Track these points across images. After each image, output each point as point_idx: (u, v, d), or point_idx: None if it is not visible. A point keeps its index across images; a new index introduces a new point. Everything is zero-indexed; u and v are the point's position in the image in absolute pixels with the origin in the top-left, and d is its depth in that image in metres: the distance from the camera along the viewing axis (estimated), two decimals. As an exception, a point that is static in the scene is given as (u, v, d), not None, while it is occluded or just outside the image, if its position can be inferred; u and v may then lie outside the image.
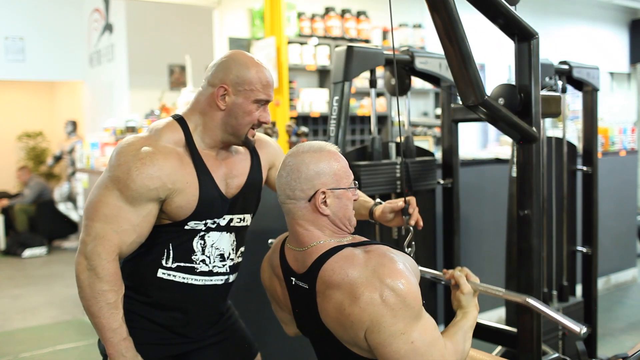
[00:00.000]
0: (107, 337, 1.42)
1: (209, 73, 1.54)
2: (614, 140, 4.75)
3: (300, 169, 1.37)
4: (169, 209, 1.48)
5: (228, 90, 1.50)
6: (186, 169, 1.49)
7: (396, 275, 1.27)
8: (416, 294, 1.28)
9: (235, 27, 5.68)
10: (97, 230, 1.41)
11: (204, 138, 1.54)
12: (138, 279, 1.54)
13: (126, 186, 1.42)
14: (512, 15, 1.78)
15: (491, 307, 3.83)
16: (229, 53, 1.56)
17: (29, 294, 5.29)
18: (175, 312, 1.57)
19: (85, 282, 1.41)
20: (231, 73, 1.50)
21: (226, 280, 1.63)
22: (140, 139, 1.49)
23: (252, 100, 1.52)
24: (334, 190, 1.38)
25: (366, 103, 6.16)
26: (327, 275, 1.33)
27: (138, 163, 1.42)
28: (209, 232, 1.56)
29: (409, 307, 1.26)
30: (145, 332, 1.54)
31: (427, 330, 1.29)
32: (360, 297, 1.27)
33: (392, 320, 1.25)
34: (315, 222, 1.39)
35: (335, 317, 1.32)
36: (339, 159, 1.42)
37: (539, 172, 1.97)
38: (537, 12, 7.66)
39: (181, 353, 1.62)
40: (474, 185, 3.65)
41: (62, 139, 8.04)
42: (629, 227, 4.99)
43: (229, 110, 1.51)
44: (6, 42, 7.00)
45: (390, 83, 2.56)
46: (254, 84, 1.51)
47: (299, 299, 1.44)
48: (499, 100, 1.91)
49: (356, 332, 1.29)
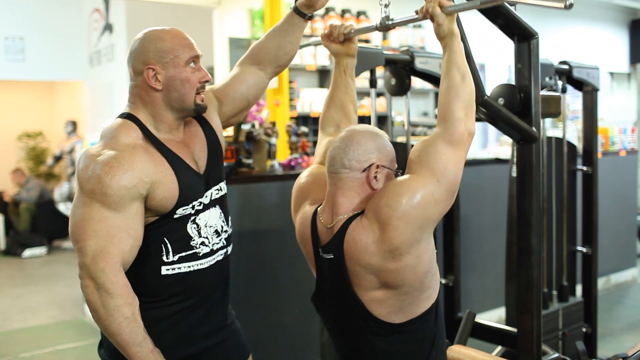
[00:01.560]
0: (134, 352, 1.37)
1: (129, 64, 1.52)
2: (614, 140, 4.75)
3: (360, 142, 1.42)
4: (154, 204, 1.46)
5: (155, 68, 1.47)
6: (155, 159, 1.46)
7: (402, 187, 1.34)
8: (418, 178, 1.36)
9: (235, 27, 5.68)
10: (92, 248, 1.37)
11: (158, 126, 1.52)
12: (144, 284, 1.51)
13: (104, 195, 1.37)
14: (512, 15, 1.78)
15: (491, 307, 3.83)
16: (138, 36, 1.53)
17: (29, 294, 5.29)
18: (187, 301, 1.55)
19: (97, 302, 1.36)
20: (149, 51, 1.48)
21: (225, 252, 1.62)
22: (98, 146, 1.46)
23: (182, 65, 1.49)
24: (386, 168, 1.43)
25: (366, 103, 6.16)
26: (350, 247, 1.37)
27: (106, 168, 1.38)
28: (198, 214, 1.54)
29: (422, 177, 1.35)
30: (163, 335, 1.51)
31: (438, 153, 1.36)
32: (389, 221, 1.31)
33: (422, 181, 1.34)
34: (360, 195, 1.42)
35: (375, 262, 1.34)
36: (391, 145, 1.48)
37: (539, 172, 1.97)
38: (537, 12, 7.65)
39: (193, 354, 1.60)
40: (474, 185, 3.65)
41: (62, 139, 8.04)
42: (629, 227, 4.99)
43: (166, 86, 1.49)
44: (6, 42, 7.00)
45: (390, 83, 2.56)
46: (175, 50, 1.48)
47: (327, 271, 1.47)
48: (499, 100, 1.91)
49: (407, 247, 1.32)
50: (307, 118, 5.80)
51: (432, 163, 1.36)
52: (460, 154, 1.38)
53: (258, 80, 1.78)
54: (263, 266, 2.84)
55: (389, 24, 1.65)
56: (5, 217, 7.54)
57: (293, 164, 3.09)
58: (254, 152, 2.84)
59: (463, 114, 1.39)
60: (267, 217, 2.83)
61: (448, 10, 1.43)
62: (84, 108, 7.90)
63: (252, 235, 2.75)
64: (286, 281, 2.89)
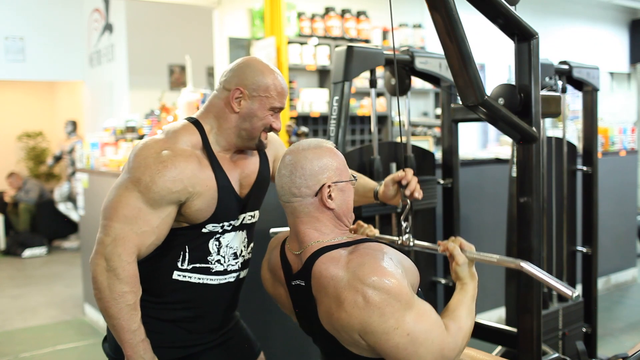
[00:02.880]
0: (126, 338, 1.40)
1: (224, 77, 1.55)
2: (614, 140, 4.75)
3: (305, 166, 1.37)
4: (188, 212, 1.49)
5: (244, 93, 1.52)
6: (205, 172, 1.50)
7: (377, 272, 1.24)
8: (400, 287, 1.24)
9: (235, 27, 5.68)
10: (116, 230, 1.40)
11: (219, 140, 1.55)
12: (153, 282, 1.54)
13: (148, 188, 1.41)
14: (512, 15, 1.77)
15: (491, 307, 3.83)
16: (246, 58, 1.57)
17: (29, 294, 5.29)
18: (189, 311, 1.57)
19: (104, 283, 1.39)
20: (247, 78, 1.52)
21: (237, 276, 1.65)
22: (159, 141, 1.49)
23: (268, 107, 1.53)
24: (338, 183, 1.39)
25: (366, 103, 6.16)
26: (316, 277, 1.33)
27: (160, 166, 1.42)
28: (224, 233, 1.58)
29: (395, 300, 1.23)
30: (160, 335, 1.54)
31: (422, 318, 1.27)
32: (344, 302, 1.26)
33: (381, 319, 1.23)
34: (319, 219, 1.38)
35: (328, 321, 1.32)
36: (338, 153, 1.43)
37: (539, 172, 1.97)
38: (537, 12, 7.66)
39: (192, 354, 1.61)
40: (474, 185, 3.65)
41: (62, 139, 8.04)
42: (629, 227, 4.99)
43: (243, 114, 1.53)
44: (6, 42, 7.00)
45: (390, 83, 2.56)
46: (269, 91, 1.53)
47: (299, 299, 1.44)
48: (499, 100, 1.91)
49: (350, 335, 1.29)
50: (307, 118, 5.80)
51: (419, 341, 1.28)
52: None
53: None
54: (263, 266, 2.83)
55: (410, 244, 1.74)
56: (5, 217, 7.54)
57: (293, 164, 3.08)
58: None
59: (462, 345, 1.37)
60: (267, 217, 2.82)
61: (467, 255, 1.47)
62: (84, 108, 7.90)
63: (252, 235, 2.75)
64: (286, 281, 2.89)
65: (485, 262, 1.48)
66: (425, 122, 6.28)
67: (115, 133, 4.54)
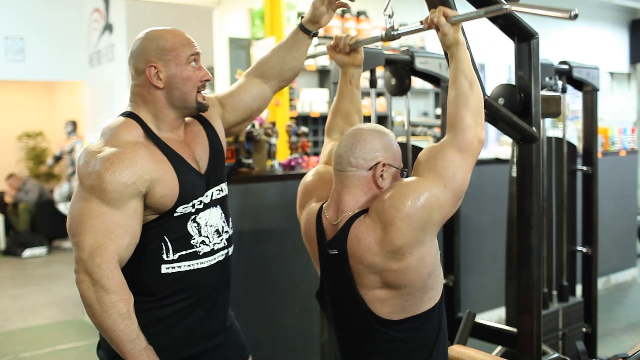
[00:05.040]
0: (127, 349, 1.37)
1: (131, 63, 1.53)
2: (614, 140, 4.75)
3: (367, 140, 1.43)
4: (153, 201, 1.46)
5: (157, 66, 1.49)
6: (156, 157, 1.47)
7: (408, 189, 1.34)
8: (425, 181, 1.37)
9: (235, 27, 5.68)
10: (89, 243, 1.36)
11: (159, 125, 1.52)
12: (142, 282, 1.51)
13: (103, 190, 1.38)
14: (512, 15, 1.78)
15: (491, 307, 3.83)
16: (139, 36, 1.54)
17: (29, 294, 5.29)
18: (187, 301, 1.55)
19: (92, 298, 1.36)
20: (151, 50, 1.49)
21: (226, 253, 1.63)
22: (100, 143, 1.46)
23: (184, 62, 1.50)
24: (392, 167, 1.44)
25: (366, 103, 6.15)
26: (353, 245, 1.38)
27: (107, 164, 1.39)
28: (198, 213, 1.55)
29: (428, 165, 1.37)
30: (162, 336, 1.51)
31: (446, 159, 1.37)
32: (392, 222, 1.32)
33: (428, 184, 1.35)
34: (366, 193, 1.42)
35: (377, 261, 1.35)
36: (396, 143, 1.49)
37: (539, 172, 1.97)
38: (537, 12, 7.65)
39: (196, 354, 1.60)
40: (474, 185, 3.63)
41: (62, 139, 8.04)
42: (629, 227, 4.98)
43: (168, 84, 1.50)
44: (6, 42, 7.00)
45: (390, 83, 2.56)
46: (176, 48, 1.50)
47: (329, 266, 1.47)
48: (499, 100, 1.91)
49: (410, 248, 1.33)
50: (307, 118, 5.80)
51: (440, 169, 1.36)
52: (469, 161, 1.40)
53: (262, 93, 1.79)
54: (263, 266, 2.83)
55: (394, 34, 1.67)
56: (5, 217, 7.54)
57: (293, 164, 3.09)
58: (254, 152, 2.84)
59: (472, 121, 1.40)
60: (267, 217, 2.82)
61: (452, 20, 1.44)
62: (84, 108, 7.90)
63: (252, 235, 2.75)
64: (286, 281, 2.89)
65: (472, 19, 1.44)
66: (425, 122, 6.27)
67: (115, 133, 4.53)
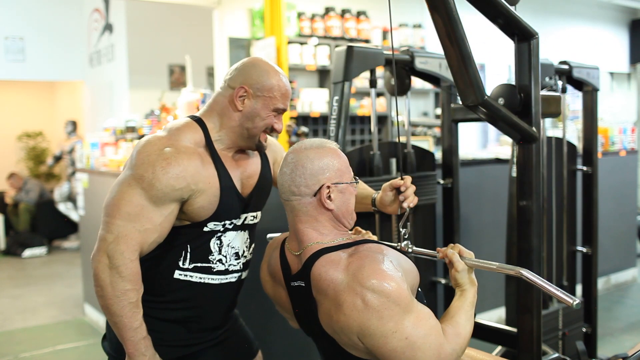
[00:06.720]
0: (128, 336, 1.40)
1: (229, 75, 1.56)
2: (614, 140, 4.75)
3: (305, 165, 1.37)
4: (190, 210, 1.49)
5: (248, 92, 1.52)
6: (208, 169, 1.50)
7: (376, 275, 1.24)
8: (400, 290, 1.24)
9: (235, 27, 5.68)
10: (119, 228, 1.39)
11: (221, 139, 1.55)
12: (154, 281, 1.53)
13: (151, 185, 1.41)
14: (512, 15, 1.78)
15: (491, 307, 3.83)
16: (252, 58, 1.58)
17: (29, 294, 5.29)
18: (189, 310, 1.58)
19: (106, 280, 1.38)
20: (252, 77, 1.53)
21: (239, 277, 1.65)
22: (162, 138, 1.49)
23: (271, 108, 1.54)
24: (338, 184, 1.39)
25: (366, 103, 6.16)
26: (315, 279, 1.33)
27: (163, 162, 1.42)
28: (225, 232, 1.57)
29: (394, 304, 1.23)
30: (160, 334, 1.54)
31: (420, 322, 1.26)
32: (343, 304, 1.26)
33: (380, 322, 1.23)
34: (318, 219, 1.38)
35: (328, 323, 1.32)
36: (340, 154, 1.43)
37: (539, 172, 1.97)
38: (537, 12, 7.66)
39: (192, 353, 1.62)
40: (474, 185, 3.65)
41: (62, 139, 8.04)
42: (629, 227, 4.99)
43: (246, 112, 1.53)
44: (6, 42, 7.00)
45: (390, 83, 2.56)
46: (273, 92, 1.53)
47: (298, 300, 1.44)
48: (499, 100, 1.91)
49: (349, 337, 1.29)
50: (307, 118, 5.80)
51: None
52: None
53: None
54: (263, 266, 2.83)
55: (408, 251, 1.66)
56: (5, 217, 7.54)
57: (293, 164, 3.08)
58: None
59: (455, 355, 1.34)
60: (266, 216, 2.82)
61: (467, 262, 1.45)
62: (84, 108, 7.90)
63: (252, 235, 2.75)
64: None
65: (484, 269, 1.47)
66: (425, 122, 6.28)
67: (115, 133, 4.54)
